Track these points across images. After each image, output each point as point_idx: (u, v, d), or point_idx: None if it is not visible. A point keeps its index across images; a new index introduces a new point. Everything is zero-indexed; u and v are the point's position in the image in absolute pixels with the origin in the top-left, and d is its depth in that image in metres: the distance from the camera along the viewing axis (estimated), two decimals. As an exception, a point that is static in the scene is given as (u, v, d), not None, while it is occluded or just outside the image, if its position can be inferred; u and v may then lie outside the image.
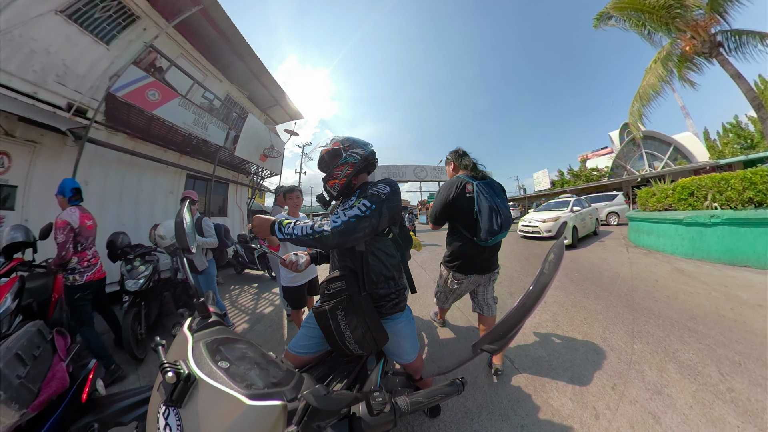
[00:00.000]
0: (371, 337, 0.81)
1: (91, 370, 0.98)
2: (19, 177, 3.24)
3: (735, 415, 1.24)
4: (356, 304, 0.80)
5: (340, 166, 1.00)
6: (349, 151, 1.01)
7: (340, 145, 1.03)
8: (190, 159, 5.46)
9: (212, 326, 0.67)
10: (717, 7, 5.62)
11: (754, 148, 15.69)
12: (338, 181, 1.00)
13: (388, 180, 0.97)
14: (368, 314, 0.83)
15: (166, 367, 0.45)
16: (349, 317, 0.78)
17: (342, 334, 0.79)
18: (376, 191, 0.89)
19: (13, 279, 1.62)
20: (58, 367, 0.86)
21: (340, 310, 0.79)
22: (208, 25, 5.11)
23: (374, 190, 0.90)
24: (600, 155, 27.42)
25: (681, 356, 1.72)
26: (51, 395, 0.79)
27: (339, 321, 0.79)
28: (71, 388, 0.88)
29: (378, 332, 0.85)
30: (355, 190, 1.02)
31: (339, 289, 0.81)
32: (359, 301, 0.81)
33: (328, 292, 0.82)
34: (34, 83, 3.23)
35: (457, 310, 2.78)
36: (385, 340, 0.88)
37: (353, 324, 0.78)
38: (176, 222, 0.80)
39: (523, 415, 1.36)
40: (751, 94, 5.72)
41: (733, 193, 3.94)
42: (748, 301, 2.46)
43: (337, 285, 0.82)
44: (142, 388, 0.99)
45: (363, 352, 0.83)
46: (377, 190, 0.90)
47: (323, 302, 0.83)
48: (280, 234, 0.84)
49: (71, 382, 0.88)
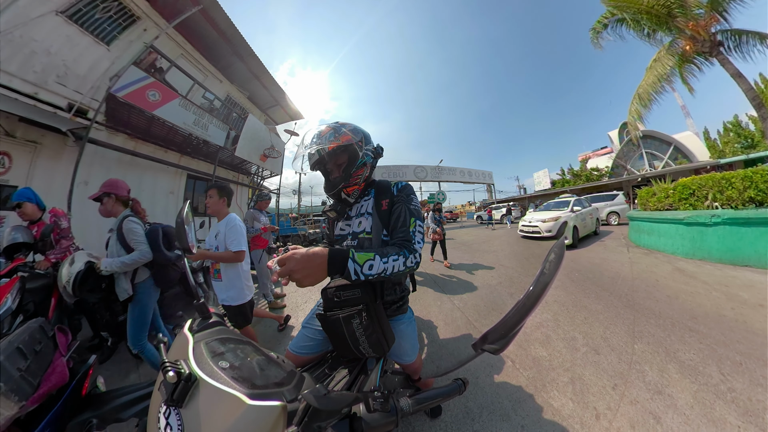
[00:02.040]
0: (384, 340, 0.80)
1: (90, 366, 0.98)
2: (20, 177, 3.25)
3: (736, 416, 1.24)
4: (372, 312, 0.78)
5: (360, 169, 0.88)
6: (363, 148, 0.88)
7: (352, 138, 0.85)
8: (191, 159, 5.47)
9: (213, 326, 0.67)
10: (717, 6, 5.62)
11: (755, 147, 15.67)
12: (358, 187, 0.91)
13: (408, 187, 0.94)
14: (382, 320, 0.82)
15: (168, 366, 0.45)
16: (365, 324, 0.76)
17: (357, 340, 0.78)
18: (415, 207, 0.88)
19: (13, 279, 1.63)
20: (58, 362, 0.87)
21: (356, 318, 0.76)
22: (208, 25, 5.11)
23: (413, 205, 0.88)
24: (600, 155, 27.42)
25: (682, 356, 1.72)
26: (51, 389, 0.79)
27: (354, 328, 0.76)
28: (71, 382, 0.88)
29: (389, 335, 0.84)
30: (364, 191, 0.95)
31: (354, 297, 0.78)
32: (375, 309, 0.80)
33: (338, 299, 0.79)
34: (35, 84, 3.23)
35: (457, 311, 2.77)
36: (393, 341, 0.88)
37: (369, 331, 0.77)
38: (177, 222, 0.80)
39: (523, 415, 1.36)
40: (751, 93, 5.72)
41: (733, 192, 3.93)
42: (749, 301, 2.46)
43: (351, 293, 0.78)
44: (141, 384, 0.99)
45: (375, 355, 0.82)
46: (414, 205, 0.88)
47: (334, 310, 0.80)
48: (356, 276, 0.65)
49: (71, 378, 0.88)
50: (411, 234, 0.81)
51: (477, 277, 4.04)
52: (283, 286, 3.79)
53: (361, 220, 0.94)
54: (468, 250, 6.69)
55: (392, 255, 0.72)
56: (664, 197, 5.00)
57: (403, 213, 0.85)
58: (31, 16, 3.19)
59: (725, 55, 5.98)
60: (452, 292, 3.40)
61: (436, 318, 2.62)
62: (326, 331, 0.85)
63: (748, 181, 3.81)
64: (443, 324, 2.48)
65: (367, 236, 0.91)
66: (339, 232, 1.00)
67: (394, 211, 0.87)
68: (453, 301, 3.05)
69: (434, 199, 17.41)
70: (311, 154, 0.92)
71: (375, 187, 0.97)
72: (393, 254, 0.72)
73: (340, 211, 0.97)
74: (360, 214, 0.96)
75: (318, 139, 0.83)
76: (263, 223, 3.26)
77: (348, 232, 0.97)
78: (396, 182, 0.97)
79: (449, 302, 3.03)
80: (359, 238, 0.93)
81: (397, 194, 0.91)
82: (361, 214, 0.95)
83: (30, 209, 2.00)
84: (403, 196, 0.90)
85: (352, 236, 0.95)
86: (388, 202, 0.91)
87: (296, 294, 3.69)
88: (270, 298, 3.21)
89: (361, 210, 0.96)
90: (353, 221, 0.96)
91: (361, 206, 0.97)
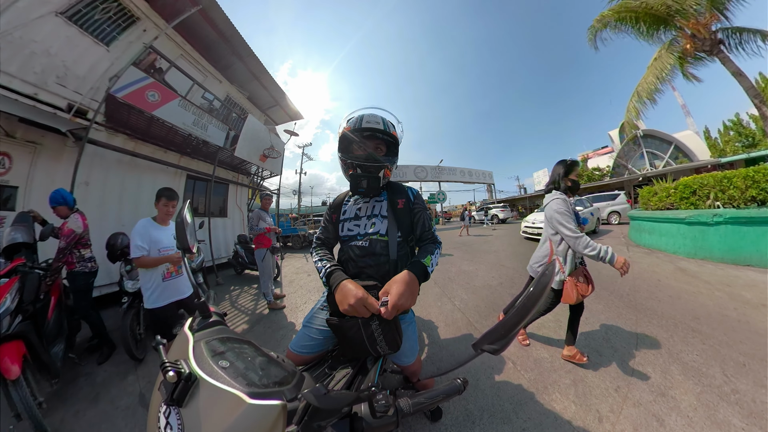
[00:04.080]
0: (399, 336, 0.82)
1: None
2: (20, 178, 3.24)
3: (740, 417, 1.23)
4: None
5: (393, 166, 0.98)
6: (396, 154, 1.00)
7: (399, 138, 0.98)
8: (190, 160, 5.47)
9: (213, 326, 0.67)
10: (717, 4, 5.60)
11: (756, 146, 15.62)
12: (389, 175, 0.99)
13: (421, 195, 1.05)
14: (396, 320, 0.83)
15: (168, 366, 0.45)
16: (383, 325, 0.78)
17: (374, 341, 0.79)
18: (428, 213, 1.05)
19: (13, 279, 1.62)
20: None
21: (375, 320, 0.77)
22: (208, 25, 5.11)
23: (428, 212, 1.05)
24: (601, 154, 27.37)
25: (685, 357, 1.70)
26: None
27: (373, 330, 0.78)
28: None
29: (401, 330, 0.86)
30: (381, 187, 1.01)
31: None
32: None
33: None
34: (35, 85, 3.23)
35: (457, 311, 2.76)
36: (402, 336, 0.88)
37: (386, 330, 0.78)
38: (176, 222, 0.80)
39: (525, 418, 1.34)
40: (752, 91, 5.70)
41: (735, 191, 3.91)
42: (752, 301, 2.44)
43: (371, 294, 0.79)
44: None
45: (391, 352, 0.84)
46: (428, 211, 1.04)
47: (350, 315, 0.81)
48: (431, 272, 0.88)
49: None
50: (434, 235, 1.04)
51: (478, 277, 4.03)
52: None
53: (374, 221, 0.97)
54: (468, 250, 6.68)
55: (436, 249, 0.96)
56: (666, 196, 4.98)
57: (426, 220, 1.03)
58: (30, 17, 3.19)
59: (726, 53, 5.96)
60: (453, 292, 3.39)
61: (437, 318, 2.61)
62: (338, 335, 0.85)
63: (750, 180, 3.79)
64: (444, 325, 2.47)
65: (381, 238, 0.94)
66: (347, 233, 1.00)
67: (418, 219, 1.02)
68: (453, 302, 3.03)
69: (435, 199, 17.41)
70: (377, 125, 0.92)
71: (388, 188, 1.03)
72: (435, 249, 0.96)
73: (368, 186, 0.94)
74: (373, 215, 0.98)
75: (384, 122, 0.95)
76: (268, 223, 3.31)
77: (357, 233, 0.97)
78: (407, 188, 1.06)
79: (450, 303, 3.02)
80: (371, 239, 0.95)
81: (415, 201, 1.02)
82: (375, 215, 0.98)
83: (63, 211, 2.13)
84: (421, 203, 1.04)
85: (363, 237, 0.96)
86: (405, 202, 1.00)
87: (295, 295, 3.69)
88: (270, 297, 3.21)
89: (375, 211, 0.99)
90: (362, 222, 0.98)
91: (374, 207, 1.00)
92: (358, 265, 0.95)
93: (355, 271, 0.95)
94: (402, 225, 0.97)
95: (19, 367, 1.34)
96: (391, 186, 1.03)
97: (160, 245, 1.79)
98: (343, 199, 1.08)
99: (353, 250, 0.96)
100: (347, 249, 0.98)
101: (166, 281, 1.81)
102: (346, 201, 1.07)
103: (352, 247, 0.96)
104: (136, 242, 1.69)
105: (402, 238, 0.97)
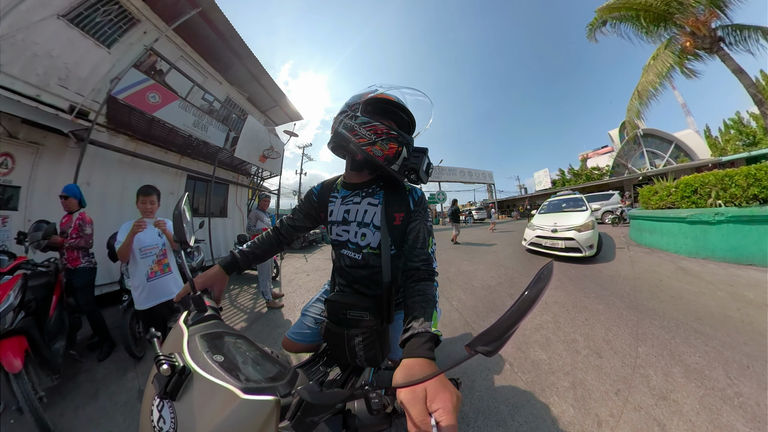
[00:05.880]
0: (381, 355, 0.80)
1: None
2: (23, 178, 3.27)
3: (743, 422, 1.20)
4: (376, 335, 0.78)
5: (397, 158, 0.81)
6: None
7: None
8: (191, 160, 5.48)
9: (208, 320, 0.66)
10: (717, 1, 5.57)
11: (757, 144, 15.51)
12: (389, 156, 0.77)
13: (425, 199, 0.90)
14: (384, 339, 0.81)
15: (161, 359, 0.45)
16: (366, 343, 0.77)
17: (354, 354, 0.78)
18: (430, 223, 0.84)
19: (16, 276, 1.65)
20: None
21: (359, 336, 0.76)
22: (208, 27, 5.14)
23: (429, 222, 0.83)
24: (600, 154, 27.27)
25: (687, 359, 1.68)
26: None
27: (354, 344, 0.77)
28: None
29: (386, 348, 0.83)
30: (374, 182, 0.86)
31: (362, 320, 0.78)
32: (381, 332, 0.80)
33: (344, 316, 0.80)
34: (37, 86, 3.26)
35: (455, 312, 2.75)
36: (389, 351, 0.87)
37: (368, 347, 0.77)
38: (174, 214, 0.79)
39: (521, 421, 1.31)
40: (753, 89, 5.66)
41: (737, 189, 3.88)
42: (755, 301, 2.41)
43: (360, 315, 0.78)
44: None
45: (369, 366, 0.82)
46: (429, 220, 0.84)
47: (339, 324, 0.81)
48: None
49: None
50: (431, 255, 0.79)
51: (476, 277, 4.01)
52: None
53: (365, 231, 0.83)
54: (468, 250, 6.66)
55: (435, 294, 0.74)
56: (666, 195, 4.95)
57: (422, 232, 0.80)
58: (33, 20, 3.22)
59: (726, 50, 5.92)
60: (451, 292, 3.37)
61: (436, 319, 2.59)
62: (325, 338, 0.85)
63: (752, 178, 3.76)
64: (441, 326, 2.44)
65: (373, 251, 0.83)
66: (336, 238, 0.90)
67: (413, 229, 0.81)
68: (451, 302, 3.02)
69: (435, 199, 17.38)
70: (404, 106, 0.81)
71: (386, 187, 0.85)
72: (435, 293, 0.74)
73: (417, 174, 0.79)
74: (364, 223, 0.83)
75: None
76: (266, 223, 3.32)
77: (346, 239, 0.86)
78: (409, 188, 0.86)
79: (447, 303, 3.01)
80: (363, 253, 0.83)
81: (414, 209, 0.83)
82: (366, 224, 0.83)
83: (71, 204, 2.23)
84: (421, 212, 0.83)
85: (354, 248, 0.85)
86: (403, 217, 0.82)
87: (294, 294, 3.68)
88: (268, 297, 3.21)
89: (366, 218, 0.83)
90: (352, 229, 0.85)
91: (365, 213, 0.83)
92: (352, 275, 0.88)
93: (348, 281, 0.90)
94: (397, 240, 0.83)
95: (21, 361, 1.36)
96: (392, 185, 0.85)
97: (141, 244, 1.84)
98: (329, 194, 0.92)
99: (343, 259, 0.88)
100: (339, 256, 0.90)
101: (151, 281, 1.83)
102: (332, 198, 0.91)
103: (343, 256, 0.88)
104: (118, 238, 1.81)
105: (396, 251, 0.84)
